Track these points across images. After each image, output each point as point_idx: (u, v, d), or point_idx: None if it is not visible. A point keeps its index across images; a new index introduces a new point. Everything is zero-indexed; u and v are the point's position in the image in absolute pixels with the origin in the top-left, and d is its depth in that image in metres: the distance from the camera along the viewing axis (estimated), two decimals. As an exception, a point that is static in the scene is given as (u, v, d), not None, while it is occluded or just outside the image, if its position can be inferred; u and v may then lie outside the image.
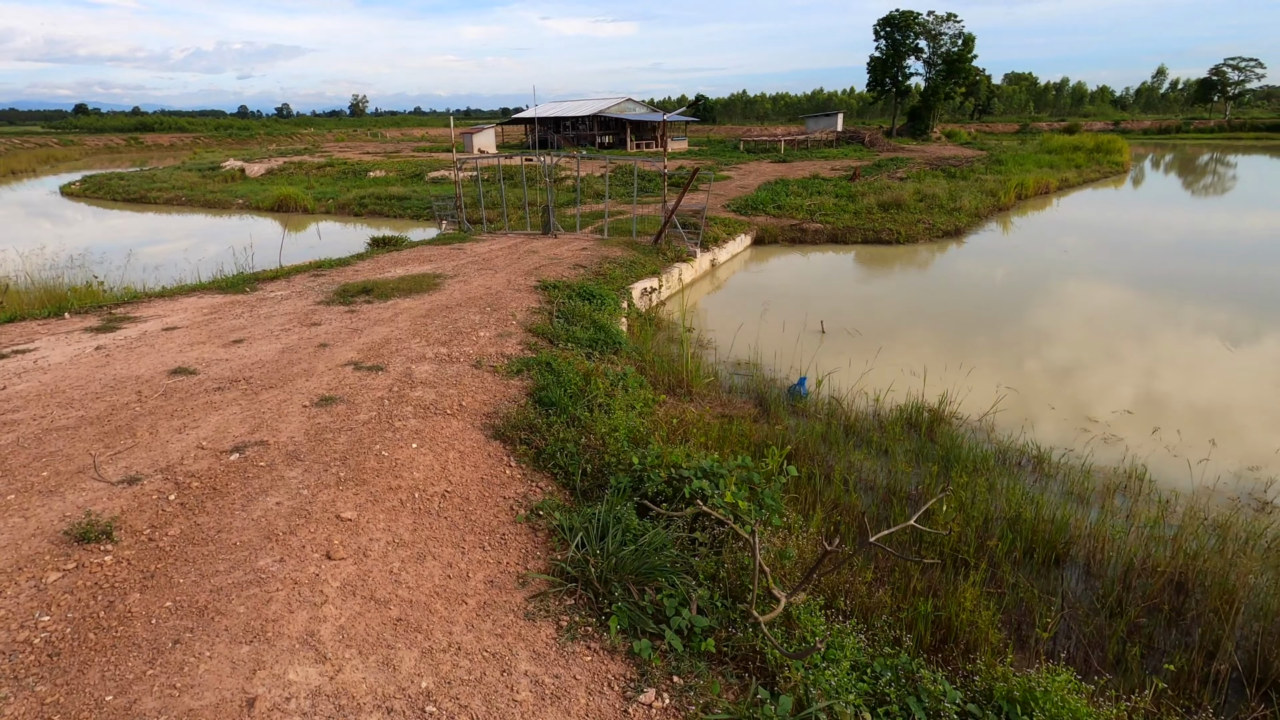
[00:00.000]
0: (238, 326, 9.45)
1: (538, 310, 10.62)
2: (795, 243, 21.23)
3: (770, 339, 11.35)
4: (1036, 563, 5.74)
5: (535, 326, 9.73)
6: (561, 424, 6.53)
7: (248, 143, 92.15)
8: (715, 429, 7.47)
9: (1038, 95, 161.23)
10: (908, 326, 13.19)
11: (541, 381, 7.50)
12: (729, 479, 5.20)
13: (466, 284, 12.18)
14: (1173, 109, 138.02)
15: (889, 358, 10.81)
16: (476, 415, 6.83)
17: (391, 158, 49.80)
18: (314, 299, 11.06)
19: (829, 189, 27.72)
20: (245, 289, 11.83)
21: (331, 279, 12.72)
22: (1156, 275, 17.30)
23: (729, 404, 9.30)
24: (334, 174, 39.54)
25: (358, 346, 8.57)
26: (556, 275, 12.99)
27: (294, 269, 13.65)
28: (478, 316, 10.05)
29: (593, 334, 9.44)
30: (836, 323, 12.73)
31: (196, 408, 6.56)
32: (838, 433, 8.17)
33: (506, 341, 9.09)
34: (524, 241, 17.09)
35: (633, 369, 8.27)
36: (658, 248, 16.34)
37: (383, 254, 15.41)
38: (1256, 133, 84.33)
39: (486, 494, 5.47)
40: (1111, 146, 47.77)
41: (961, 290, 16.20)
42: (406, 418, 6.51)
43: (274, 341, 8.75)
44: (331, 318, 9.91)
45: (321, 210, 29.57)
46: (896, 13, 74.57)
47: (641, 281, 13.76)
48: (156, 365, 7.78)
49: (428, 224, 26.25)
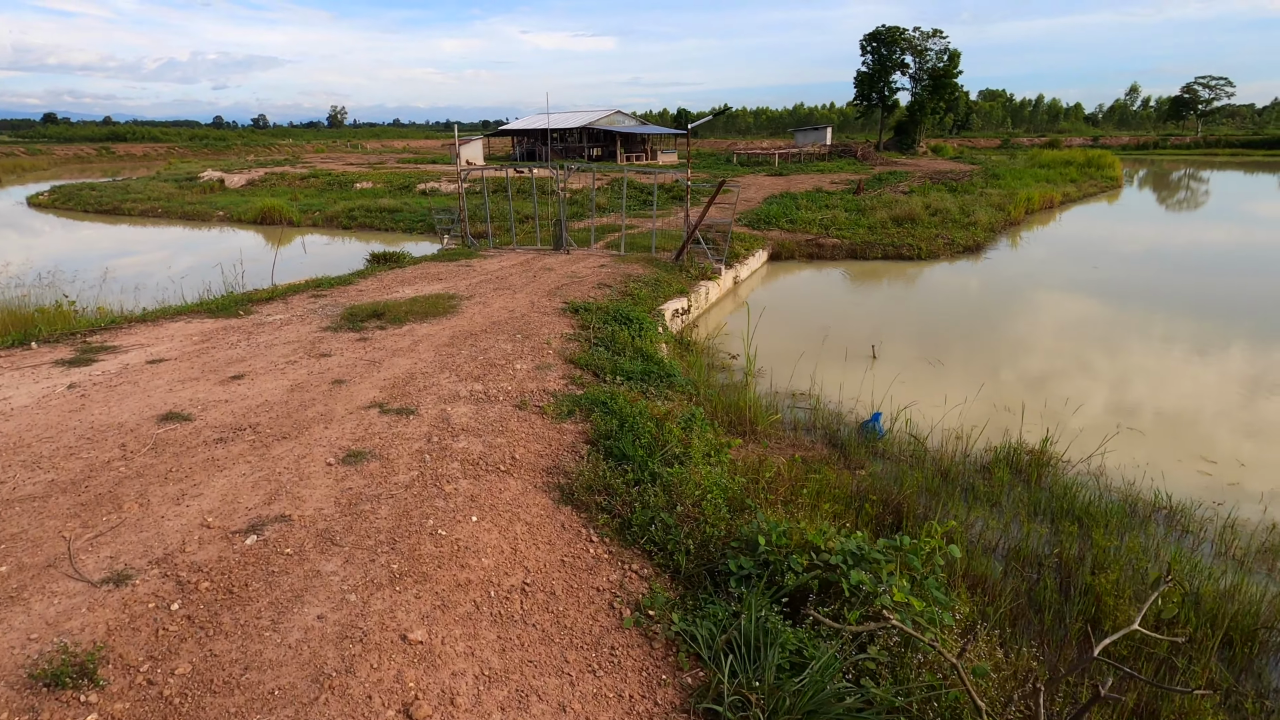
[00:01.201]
0: (235, 358, 8.23)
1: (572, 336, 9.52)
2: (813, 258, 20.36)
3: (816, 362, 10.34)
4: (1239, 656, 4.75)
5: (575, 357, 8.62)
6: (640, 483, 5.44)
7: (225, 153, 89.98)
8: (788, 475, 6.42)
9: (1014, 111, 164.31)
10: (968, 351, 12.26)
11: (603, 427, 6.39)
12: (883, 565, 4.14)
13: (486, 306, 11.04)
14: (1145, 125, 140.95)
15: (956, 385, 9.86)
16: (535, 471, 5.71)
17: (376, 169, 48.42)
18: (318, 324, 9.85)
19: (837, 202, 26.99)
20: (238, 312, 10.58)
21: (334, 300, 11.50)
22: (1218, 298, 16.42)
23: (798, 444, 8.28)
24: (319, 185, 38.12)
25: (379, 383, 7.40)
26: (582, 296, 11.90)
27: (290, 288, 12.41)
28: (509, 345, 8.91)
29: (642, 365, 8.36)
30: (883, 344, 11.78)
31: (195, 467, 5.37)
32: (934, 480, 7.16)
33: (547, 375, 7.97)
34: (536, 258, 15.99)
35: (700, 410, 7.20)
36: (680, 264, 15.34)
37: (386, 271, 14.21)
38: (1231, 149, 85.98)
39: (574, 584, 4.35)
40: (1102, 161, 47.93)
41: (1015, 310, 15.27)
42: (455, 478, 5.37)
43: (279, 377, 7.54)
44: (342, 347, 8.71)
45: (308, 223, 28.19)
46: (883, 28, 74.95)
47: (670, 302, 12.72)
48: (142, 409, 6.55)
49: (421, 237, 25.05)
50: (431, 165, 54.53)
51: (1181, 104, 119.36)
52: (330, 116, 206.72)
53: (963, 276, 18.64)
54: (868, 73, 76.66)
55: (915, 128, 75.16)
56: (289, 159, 64.33)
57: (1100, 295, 16.32)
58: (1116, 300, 15.89)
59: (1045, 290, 17.00)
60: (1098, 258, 21.25)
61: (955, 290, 17.40)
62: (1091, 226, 29.50)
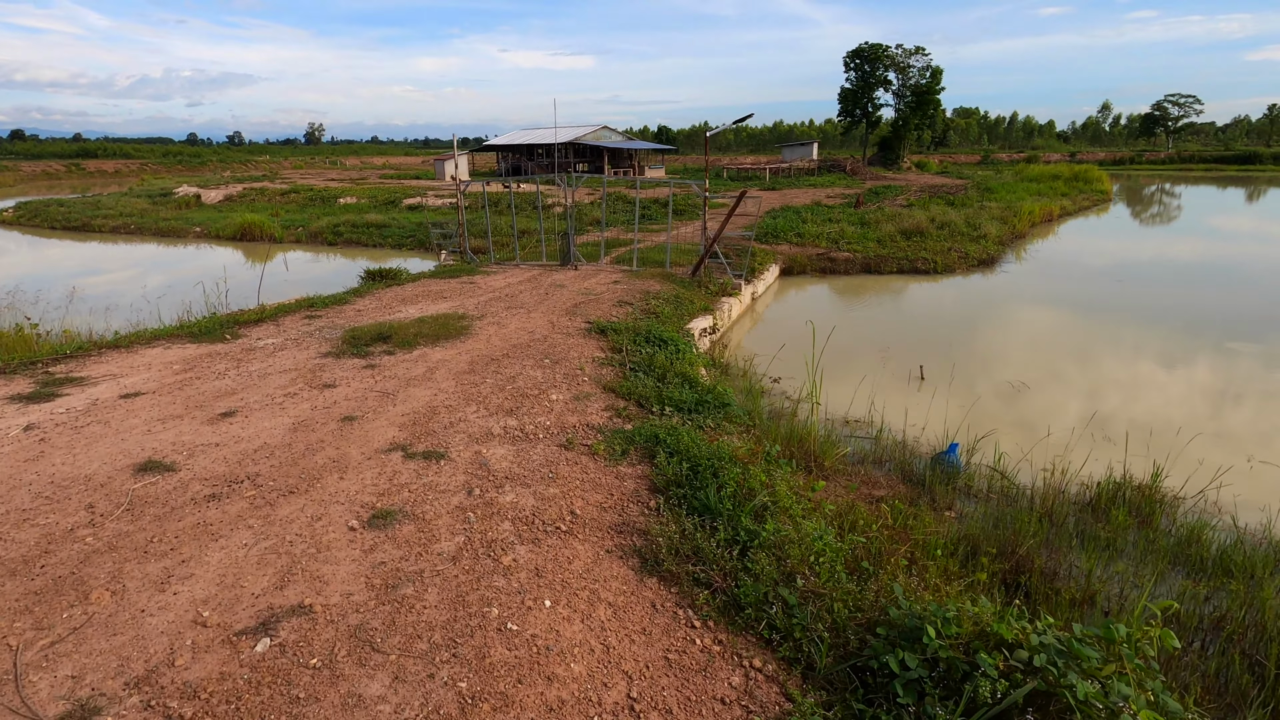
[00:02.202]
0: (224, 390, 7.12)
1: (604, 360, 8.53)
2: (826, 273, 19.59)
3: (860, 384, 9.45)
4: None
5: (613, 384, 7.63)
6: (735, 543, 4.46)
7: (200, 170, 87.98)
8: (885, 522, 5.47)
9: (989, 128, 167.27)
10: (1026, 372, 11.44)
11: (670, 471, 5.41)
12: (1098, 665, 3.19)
13: (502, 327, 10.01)
14: (1117, 142, 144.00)
15: (1025, 411, 9.02)
16: (601, 530, 4.70)
17: (359, 184, 47.23)
18: (317, 349, 8.76)
19: (840, 216, 26.37)
20: (224, 335, 9.45)
21: (331, 321, 10.41)
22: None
23: (870, 480, 7.34)
24: (300, 200, 36.83)
25: (397, 420, 6.35)
26: (603, 314, 10.93)
27: (281, 308, 11.28)
28: (538, 372, 7.90)
29: (691, 393, 7.38)
30: (920, 363, 10.93)
31: (183, 535, 4.29)
32: (1038, 523, 6.24)
33: (587, 407, 6.97)
34: (543, 273, 15.00)
35: (776, 447, 6.24)
36: (698, 280, 14.44)
37: (383, 289, 13.12)
38: (1205, 164, 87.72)
39: (689, 694, 3.34)
40: (1089, 175, 48.21)
41: (1060, 328, 14.29)
42: (510, 543, 4.35)
43: (278, 413, 6.46)
44: (347, 376, 7.64)
45: (291, 239, 26.93)
46: (866, 45, 75.56)
47: (696, 320, 11.79)
48: (115, 457, 5.44)
49: (412, 253, 23.96)
50: (415, 181, 53.44)
51: (1152, 121, 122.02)
52: (308, 133, 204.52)
53: (987, 292, 17.95)
54: (851, 89, 77.16)
55: (899, 143, 75.57)
56: (267, 174, 62.88)
57: (1149, 315, 15.46)
58: (1166, 319, 15.06)
59: (1085, 309, 16.33)
60: (1114, 272, 20.75)
61: (987, 306, 16.66)
62: (1094, 239, 29.21)
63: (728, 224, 14.27)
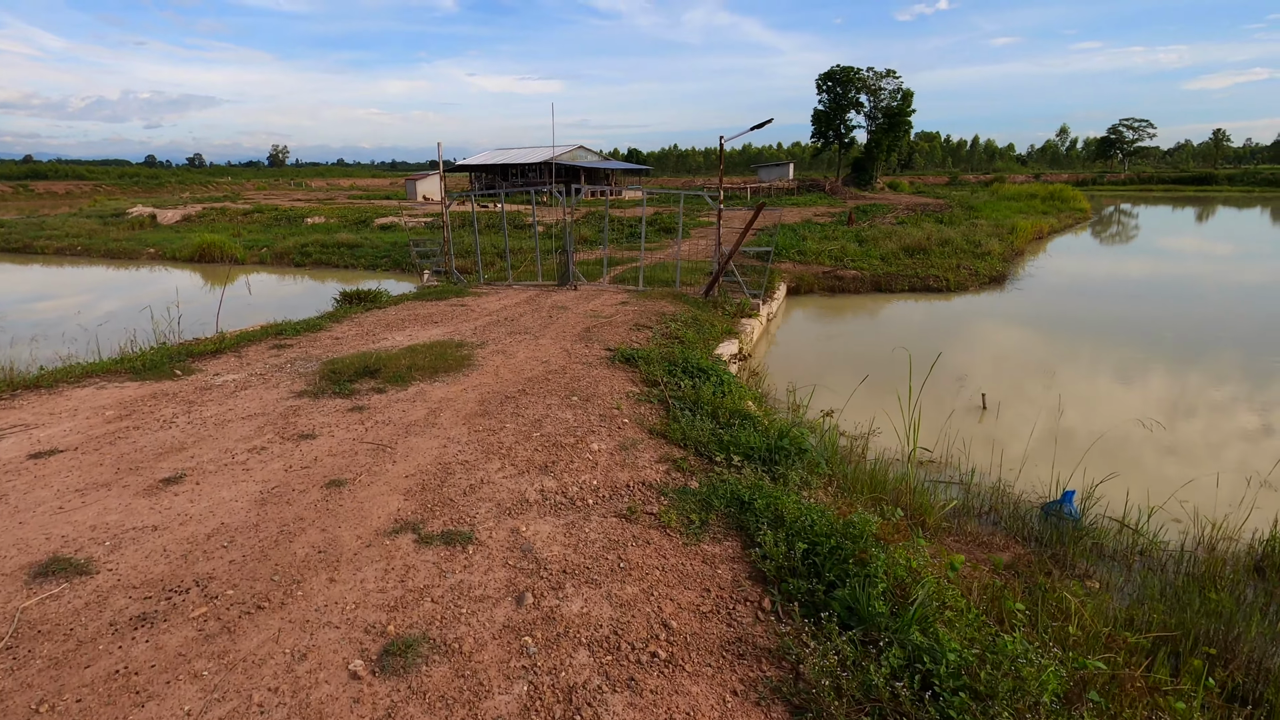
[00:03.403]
0: (169, 445, 5.54)
1: (640, 396, 7.12)
2: (834, 291, 18.50)
3: (913, 415, 8.18)
4: None
5: (661, 427, 6.23)
6: (912, 672, 3.09)
7: (157, 191, 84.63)
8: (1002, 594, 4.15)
9: (952, 151, 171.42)
10: (1112, 405, 10.29)
11: (776, 551, 4.02)
12: None
13: (510, 356, 8.55)
14: (1075, 165, 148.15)
15: (1135, 449, 7.85)
16: (713, 654, 3.28)
17: (327, 204, 45.31)
18: (289, 386, 7.19)
19: (837, 233, 25.50)
20: (173, 371, 7.82)
21: (304, 351, 8.83)
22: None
23: (976, 538, 6.03)
24: (264, 220, 34.85)
25: (400, 484, 4.86)
26: (622, 340, 9.55)
27: (243, 336, 9.66)
28: (567, 413, 6.45)
29: (759, 437, 6.01)
30: (967, 389, 9.73)
31: (95, 687, 2.76)
32: (1189, 590, 4.98)
33: (637, 457, 5.56)
34: (540, 294, 13.58)
35: (899, 512, 4.89)
36: (711, 300, 13.17)
37: (362, 313, 11.56)
38: (1163, 185, 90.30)
39: None
40: (1064, 195, 48.59)
41: (1119, 348, 13.07)
42: (597, 692, 2.91)
43: (241, 478, 4.92)
44: (330, 422, 6.11)
45: (254, 260, 25.07)
46: (838, 68, 76.24)
47: (722, 345, 10.48)
48: (5, 551, 3.86)
49: (387, 274, 22.36)
50: (386, 201, 51.64)
51: (1108, 144, 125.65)
52: (271, 156, 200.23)
53: (1010, 311, 16.98)
54: (824, 111, 77.65)
55: (872, 164, 76.08)
56: (229, 195, 60.46)
57: (1211, 336, 14.54)
58: (1240, 340, 14.09)
59: (1134, 330, 15.39)
60: (1123, 287, 20.07)
61: (1021, 326, 15.57)
62: (1088, 256, 28.80)
63: (745, 239, 13.04)
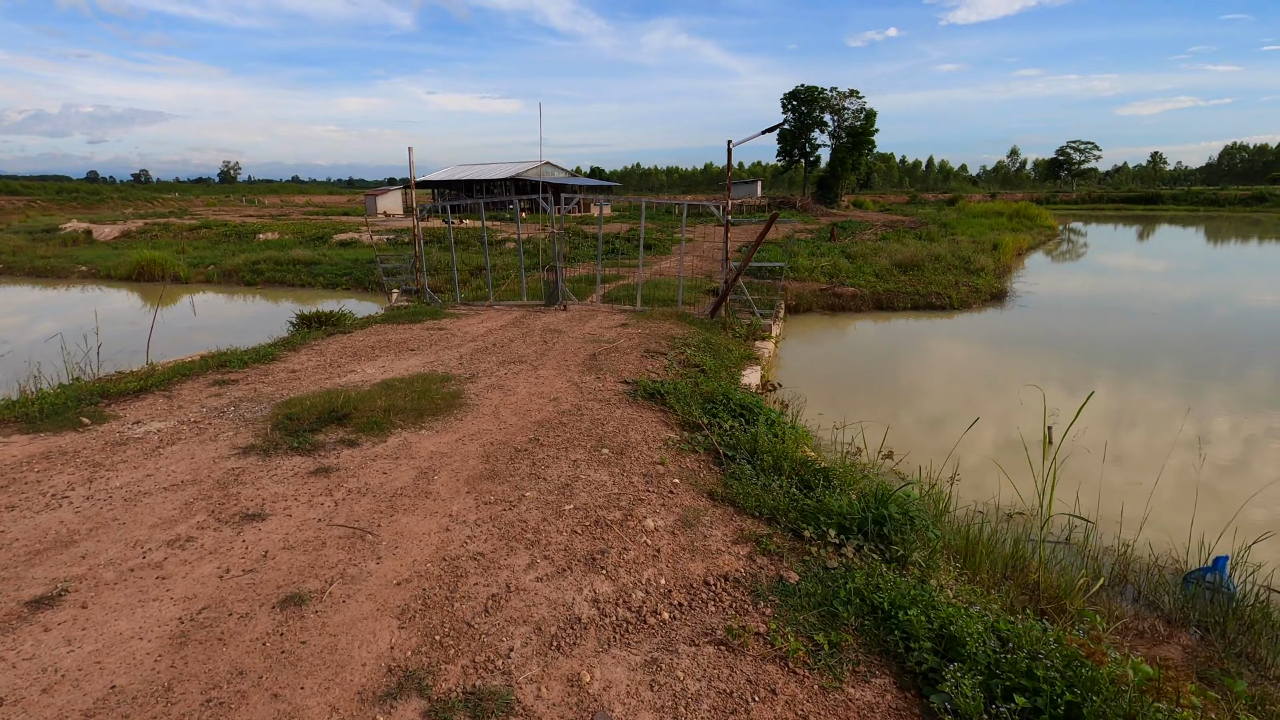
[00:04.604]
0: (51, 538, 3.93)
1: (681, 444, 5.72)
2: (833, 310, 17.43)
3: (962, 452, 6.99)
4: None
5: (723, 490, 4.84)
6: None
7: (98, 207, 79.97)
8: None
9: (909, 171, 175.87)
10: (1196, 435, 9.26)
11: (971, 709, 2.66)
12: None
13: (508, 392, 7.06)
14: (1024, 185, 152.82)
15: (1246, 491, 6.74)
16: None
17: (280, 220, 42.95)
18: (231, 438, 5.59)
19: (825, 249, 24.63)
20: (78, 419, 6.13)
21: (252, 388, 7.20)
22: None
23: (1128, 620, 4.77)
24: (213, 236, 32.51)
25: (391, 598, 3.35)
26: (636, 370, 8.14)
27: (178, 369, 7.96)
28: (601, 473, 5.01)
29: (853, 503, 4.66)
30: (1022, 418, 8.59)
31: None
32: None
33: (707, 538, 4.16)
34: (526, 315, 12.09)
35: (1097, 615, 3.59)
36: (718, 321, 11.88)
37: (323, 339, 9.91)
38: (1114, 204, 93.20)
39: None
40: (1030, 212, 49.10)
41: (1185, 374, 12.19)
42: None
43: (152, 592, 3.36)
44: (284, 491, 4.55)
45: (199, 278, 22.96)
46: (802, 87, 76.92)
47: (745, 372, 9.17)
48: None
49: (348, 293, 20.59)
50: (344, 217, 49.39)
51: (1057, 165, 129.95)
52: (222, 172, 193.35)
53: (1022, 330, 16.09)
54: (790, 129, 78.02)
55: (837, 182, 76.67)
56: (175, 211, 57.30)
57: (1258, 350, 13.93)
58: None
59: (1177, 352, 14.61)
60: (1128, 303, 19.51)
61: (1043, 347, 14.55)
62: (1070, 272, 28.51)
63: (754, 253, 11.82)
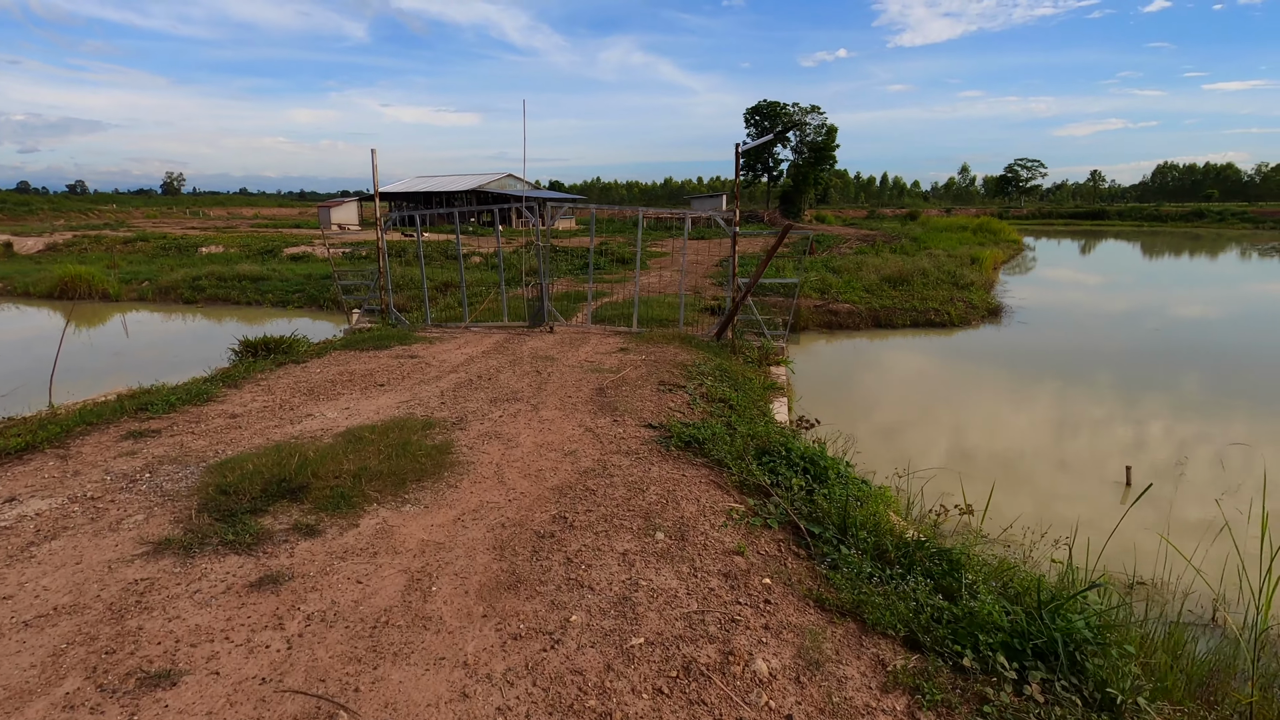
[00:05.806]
0: None
1: (748, 517, 4.42)
2: (830, 327, 16.43)
3: (1032, 497, 5.90)
4: None
5: (838, 600, 3.56)
6: None
7: (25, 219, 74.93)
8: None
9: (864, 187, 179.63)
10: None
11: None
12: None
13: (510, 443, 5.65)
14: (975, 200, 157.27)
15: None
16: None
17: (226, 233, 40.38)
18: (139, 526, 4.06)
19: (808, 264, 23.76)
20: (-67, 493, 4.51)
21: (179, 442, 5.63)
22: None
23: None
24: (150, 250, 30.04)
25: None
26: (655, 408, 6.82)
27: (83, 414, 6.31)
28: (668, 576, 3.65)
29: (1008, 615, 3.43)
30: (1127, 464, 7.59)
31: None
32: None
33: (844, 687, 2.85)
34: (509, 338, 10.66)
35: None
36: (725, 343, 10.68)
37: (272, 370, 8.31)
38: (1063, 219, 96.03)
39: None
40: (992, 226, 49.61)
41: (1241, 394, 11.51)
42: None
43: None
44: (211, 624, 3.09)
45: (132, 295, 20.78)
46: (764, 103, 77.20)
47: (773, 406, 7.94)
48: None
49: (300, 311, 18.75)
50: (295, 229, 46.90)
51: (1005, 182, 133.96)
52: (165, 183, 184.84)
53: (1038, 348, 15.29)
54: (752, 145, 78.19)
55: (800, 197, 76.95)
56: (110, 224, 53.74)
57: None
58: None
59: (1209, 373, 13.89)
60: (1130, 319, 19.05)
61: (1079, 367, 13.74)
62: (1049, 287, 28.31)
63: (765, 269, 10.66)
